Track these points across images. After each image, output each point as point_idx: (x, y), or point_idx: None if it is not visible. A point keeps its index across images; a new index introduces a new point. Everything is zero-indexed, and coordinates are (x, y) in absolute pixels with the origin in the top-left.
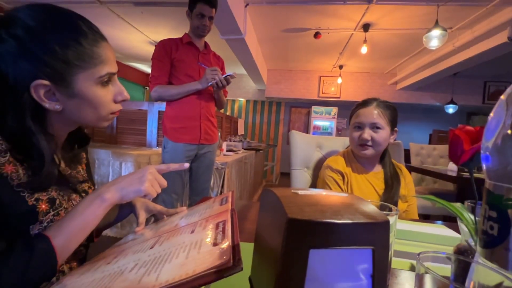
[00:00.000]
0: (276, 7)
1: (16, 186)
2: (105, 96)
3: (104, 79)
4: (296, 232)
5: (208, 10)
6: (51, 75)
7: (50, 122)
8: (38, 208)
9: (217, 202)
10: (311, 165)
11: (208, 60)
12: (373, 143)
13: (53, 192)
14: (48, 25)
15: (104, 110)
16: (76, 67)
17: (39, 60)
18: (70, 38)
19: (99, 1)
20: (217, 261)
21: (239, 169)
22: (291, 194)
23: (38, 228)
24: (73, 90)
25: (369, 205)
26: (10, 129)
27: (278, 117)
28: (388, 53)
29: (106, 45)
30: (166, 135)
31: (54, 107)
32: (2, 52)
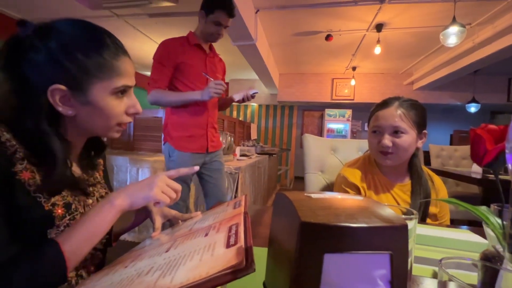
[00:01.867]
0: (286, 11)
1: (33, 192)
2: (117, 107)
3: (119, 90)
4: (309, 236)
5: (226, 19)
6: (69, 81)
7: (64, 128)
8: (54, 212)
9: (230, 206)
10: (326, 168)
11: (213, 64)
12: (395, 149)
13: (68, 197)
14: (77, 38)
15: (114, 120)
16: (94, 77)
17: (61, 67)
18: (93, 49)
19: (116, 14)
20: (230, 263)
21: (253, 174)
22: (305, 198)
23: (55, 233)
24: (87, 98)
25: (386, 209)
26: (27, 132)
27: (290, 121)
28: (403, 53)
29: (127, 59)
30: (170, 143)
31: (67, 112)
32: (33, 59)
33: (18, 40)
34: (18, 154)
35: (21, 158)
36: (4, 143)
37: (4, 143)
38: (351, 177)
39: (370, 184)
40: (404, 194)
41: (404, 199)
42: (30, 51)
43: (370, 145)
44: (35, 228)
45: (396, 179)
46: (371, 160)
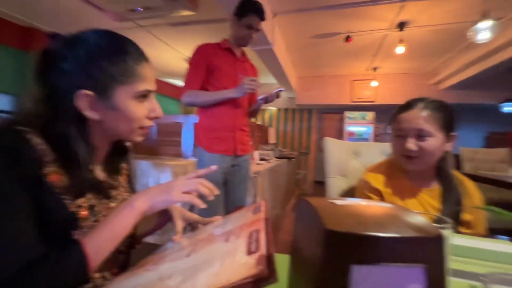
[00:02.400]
0: (304, 14)
1: (59, 194)
2: (139, 110)
3: (141, 94)
4: (335, 245)
5: (258, 22)
6: (94, 87)
7: (90, 132)
8: (79, 214)
9: (250, 211)
10: (348, 173)
11: (245, 69)
12: (420, 153)
13: (93, 200)
14: (102, 46)
15: (136, 124)
16: (118, 81)
17: (87, 74)
18: (116, 56)
19: (140, 25)
20: (251, 271)
21: (272, 178)
22: (329, 204)
23: (79, 234)
24: (112, 102)
25: (417, 217)
26: (56, 136)
27: (309, 124)
28: (427, 51)
29: (148, 65)
30: (200, 145)
31: (94, 117)
32: (62, 67)
33: (49, 51)
34: (47, 157)
35: (49, 161)
36: (34, 146)
37: (35, 146)
38: (374, 181)
39: (395, 189)
40: (432, 200)
41: (432, 205)
42: (60, 60)
43: (394, 148)
44: (61, 229)
45: (423, 184)
46: (396, 164)
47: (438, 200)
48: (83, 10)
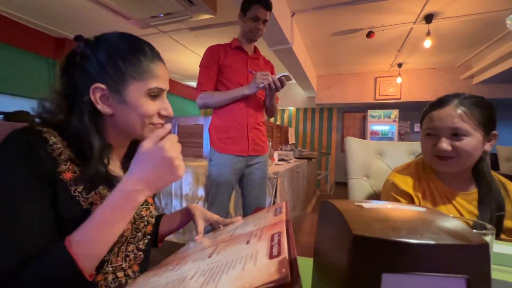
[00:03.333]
0: (323, 11)
1: (73, 191)
2: (150, 107)
3: (153, 92)
4: (363, 252)
5: (264, 13)
6: (108, 81)
7: (104, 128)
8: (92, 211)
9: (271, 212)
10: (371, 174)
11: (257, 65)
12: (456, 154)
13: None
14: (120, 47)
15: (147, 120)
16: (131, 77)
17: (103, 70)
18: (132, 54)
19: (162, 31)
20: (274, 276)
21: (291, 179)
22: (355, 208)
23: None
24: (124, 97)
25: (454, 222)
26: (72, 129)
27: (330, 123)
28: (458, 44)
29: (161, 65)
30: (212, 146)
31: (106, 110)
32: (83, 66)
33: (73, 52)
34: (63, 155)
35: (65, 159)
36: (51, 145)
37: (52, 145)
38: (402, 184)
39: (426, 193)
40: (469, 205)
41: (469, 210)
42: (81, 59)
43: (424, 148)
44: (76, 226)
45: (458, 187)
46: (425, 165)
47: (475, 205)
48: (111, 20)
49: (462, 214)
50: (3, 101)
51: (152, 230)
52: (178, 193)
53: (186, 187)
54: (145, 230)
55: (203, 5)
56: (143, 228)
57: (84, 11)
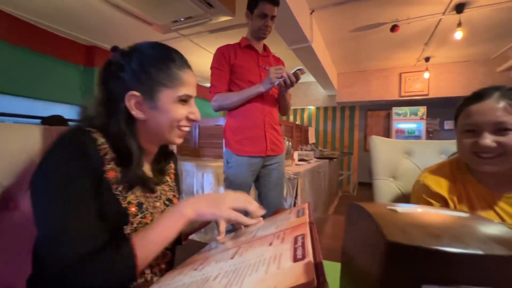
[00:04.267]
0: (343, 7)
1: (115, 190)
2: (180, 111)
3: (182, 98)
4: (399, 260)
5: (271, 8)
6: (142, 89)
7: (138, 132)
8: (129, 210)
9: (293, 214)
10: (399, 174)
11: (268, 63)
12: (502, 151)
13: (141, 197)
14: (152, 56)
15: (176, 123)
16: (162, 85)
17: (137, 79)
18: (163, 63)
19: (183, 35)
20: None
21: (312, 179)
22: (387, 212)
23: (129, 229)
24: (156, 103)
25: (503, 229)
26: (112, 133)
27: (352, 122)
28: (494, 34)
29: (190, 71)
30: (229, 148)
31: (139, 116)
32: (118, 75)
33: (110, 62)
34: (108, 155)
35: (109, 159)
36: (99, 145)
37: (99, 145)
38: (435, 185)
39: (462, 196)
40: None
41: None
42: (117, 69)
43: (462, 146)
44: (114, 223)
45: (500, 189)
46: (461, 165)
47: None
48: (135, 26)
49: (504, 220)
50: (39, 107)
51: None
52: (200, 193)
53: (207, 186)
54: None
55: (222, 7)
56: None
57: (111, 19)
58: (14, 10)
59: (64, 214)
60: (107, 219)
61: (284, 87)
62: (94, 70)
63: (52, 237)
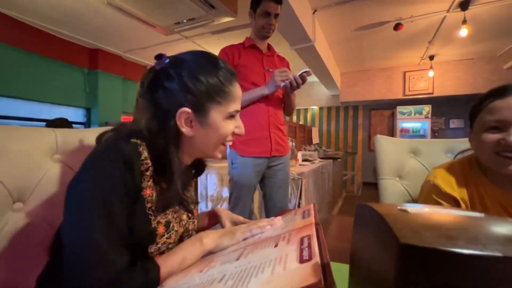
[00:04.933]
0: (346, 6)
1: (148, 209)
2: (228, 128)
3: (232, 114)
4: (413, 263)
5: (274, 7)
6: (194, 105)
7: (181, 148)
8: (157, 230)
9: (298, 215)
10: (405, 174)
11: (272, 63)
12: None
13: (169, 215)
14: (202, 67)
15: (223, 139)
16: (214, 101)
17: (189, 92)
18: (213, 74)
19: (185, 36)
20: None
21: (316, 180)
22: (398, 212)
23: (154, 249)
24: (207, 120)
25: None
26: (157, 147)
27: (355, 122)
28: (499, 31)
29: (237, 84)
30: (233, 149)
31: (189, 133)
32: (167, 86)
33: (155, 71)
34: (149, 171)
35: (150, 176)
36: (143, 160)
37: (143, 160)
38: (446, 186)
39: (474, 197)
40: None
41: None
42: (166, 80)
43: (483, 146)
44: (141, 242)
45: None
46: (473, 165)
47: None
48: (138, 29)
49: None
50: (44, 109)
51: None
52: (204, 194)
53: (211, 187)
54: None
55: (224, 8)
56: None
57: (114, 22)
58: (19, 14)
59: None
60: (135, 237)
61: (290, 89)
62: (97, 72)
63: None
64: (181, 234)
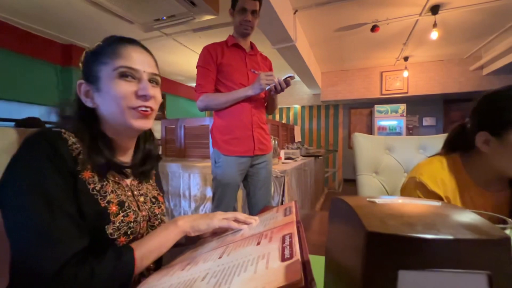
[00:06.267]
0: (325, 7)
1: (92, 190)
2: (123, 88)
3: (121, 71)
4: (378, 249)
5: (251, 3)
6: (85, 74)
7: (99, 124)
8: (109, 209)
9: (280, 213)
10: (381, 169)
11: (255, 62)
12: None
13: (122, 196)
14: (98, 45)
15: (124, 102)
16: (100, 63)
17: (86, 69)
18: (103, 43)
19: (165, 33)
20: (288, 280)
21: (299, 177)
22: (367, 204)
23: (112, 228)
24: (99, 84)
25: (472, 215)
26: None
27: (336, 120)
28: (467, 35)
29: (132, 47)
30: (216, 148)
31: (88, 104)
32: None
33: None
34: (82, 155)
35: (83, 159)
36: (70, 145)
37: (71, 145)
38: (432, 184)
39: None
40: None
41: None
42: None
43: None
44: (95, 223)
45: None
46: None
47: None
48: (116, 25)
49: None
50: (13, 108)
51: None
52: (187, 194)
53: (194, 187)
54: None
55: (205, 6)
56: (157, 226)
57: (89, 17)
58: None
59: (46, 215)
60: (87, 220)
61: (274, 92)
62: (71, 69)
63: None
64: (148, 218)
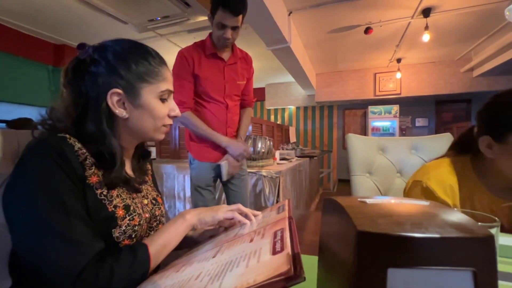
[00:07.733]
0: (320, 9)
1: (99, 195)
2: (162, 109)
3: (164, 94)
4: (368, 247)
5: (231, 19)
6: (124, 86)
7: (118, 131)
8: (116, 213)
9: (274, 211)
10: (374, 170)
11: (234, 71)
12: None
13: (127, 199)
14: (128, 50)
15: (160, 122)
16: (144, 81)
17: (117, 74)
18: (142, 58)
19: (160, 34)
20: (278, 270)
21: (294, 178)
22: (358, 204)
23: (118, 232)
24: (139, 100)
25: (458, 215)
26: (89, 133)
27: (331, 121)
28: (457, 37)
29: (167, 68)
30: (190, 152)
31: (122, 114)
32: (94, 71)
33: (79, 60)
34: (88, 160)
35: (90, 164)
36: (77, 151)
37: (77, 151)
38: (440, 191)
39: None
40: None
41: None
42: (91, 65)
43: None
44: (102, 228)
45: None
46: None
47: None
48: (109, 25)
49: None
50: (4, 109)
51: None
52: (182, 195)
53: (189, 189)
54: (157, 228)
55: (199, 6)
56: (155, 227)
57: (83, 17)
58: None
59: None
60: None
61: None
62: None
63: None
64: (149, 219)
